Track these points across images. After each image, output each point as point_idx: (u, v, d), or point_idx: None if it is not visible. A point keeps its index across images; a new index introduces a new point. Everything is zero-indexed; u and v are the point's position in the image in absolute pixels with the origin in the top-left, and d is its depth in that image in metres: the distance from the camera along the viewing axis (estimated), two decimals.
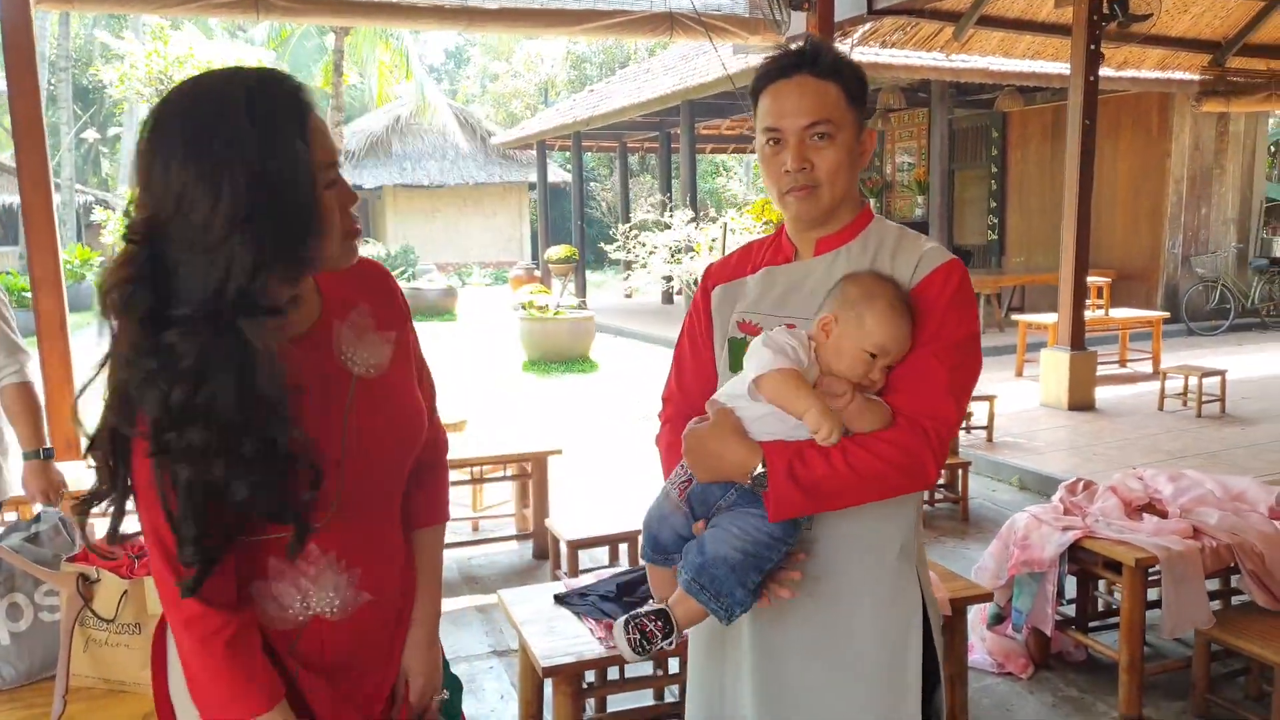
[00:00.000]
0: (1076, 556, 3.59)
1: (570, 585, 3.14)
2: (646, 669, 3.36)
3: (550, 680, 2.73)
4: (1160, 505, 3.78)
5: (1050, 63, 10.69)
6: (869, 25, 9.01)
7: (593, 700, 3.26)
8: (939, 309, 1.60)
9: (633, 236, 12.69)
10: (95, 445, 1.29)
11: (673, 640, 1.59)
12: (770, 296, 1.73)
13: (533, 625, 2.89)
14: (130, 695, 2.03)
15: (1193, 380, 7.92)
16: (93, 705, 1.98)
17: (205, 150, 1.19)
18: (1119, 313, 10.47)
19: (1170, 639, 3.64)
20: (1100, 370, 8.61)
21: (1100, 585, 3.99)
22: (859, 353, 1.55)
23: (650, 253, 12.61)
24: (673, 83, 14.01)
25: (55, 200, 5.66)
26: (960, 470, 5.72)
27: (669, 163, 19.30)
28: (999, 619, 3.80)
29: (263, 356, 1.23)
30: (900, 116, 15.93)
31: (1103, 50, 7.96)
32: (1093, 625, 3.90)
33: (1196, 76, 11.24)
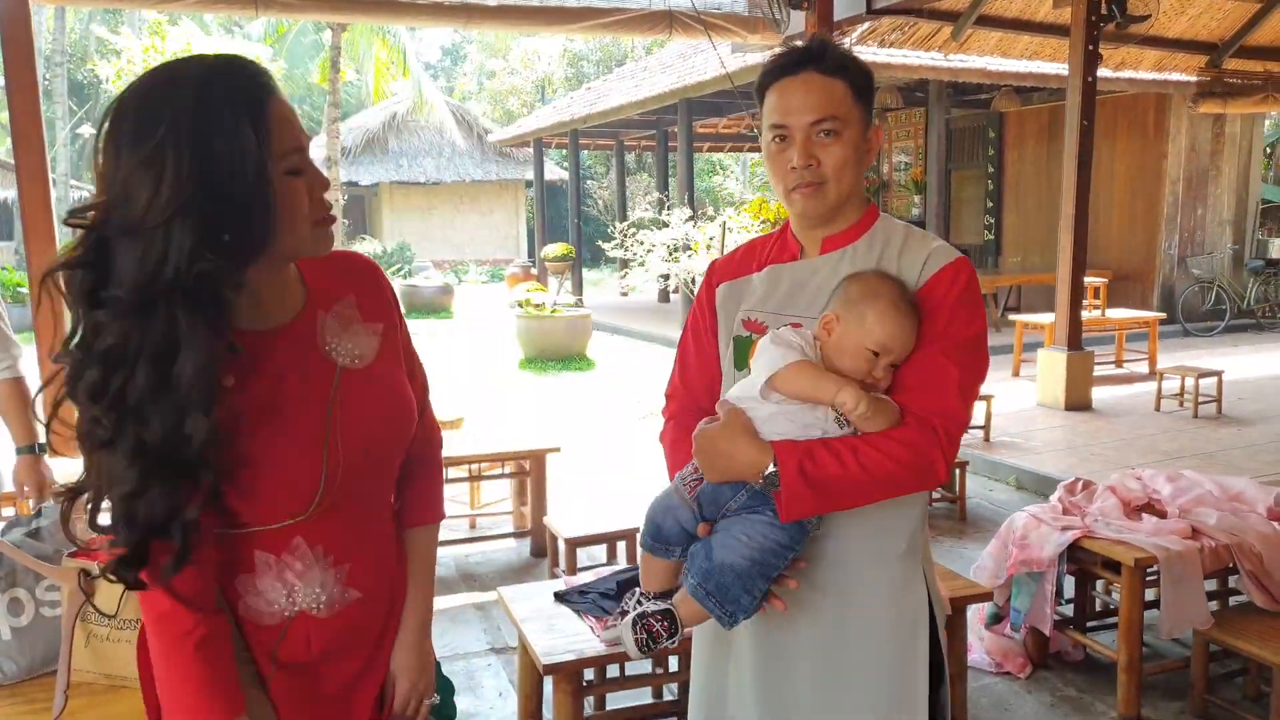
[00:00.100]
0: (1075, 556, 3.59)
1: (570, 583, 3.14)
2: (645, 667, 3.35)
3: (550, 678, 2.74)
4: (1159, 505, 3.79)
5: (1048, 63, 10.70)
6: (867, 24, 9.00)
7: (592, 698, 3.25)
8: (947, 307, 1.60)
9: (631, 235, 12.68)
10: (77, 434, 1.28)
11: (677, 639, 1.60)
12: (776, 295, 1.73)
13: (533, 623, 2.88)
14: (131, 691, 2.01)
15: (1189, 381, 7.93)
16: (94, 700, 1.97)
17: (149, 135, 1.19)
18: (1115, 313, 10.48)
19: (1168, 639, 3.65)
20: (1097, 370, 8.62)
21: (1098, 585, 4.00)
22: (861, 351, 1.55)
23: (648, 251, 12.59)
24: (670, 81, 13.98)
25: (51, 196, 5.66)
26: (957, 470, 5.72)
27: (666, 161, 19.30)
28: (997, 618, 3.80)
29: (191, 344, 1.20)
30: (897, 116, 15.93)
31: (1100, 51, 7.97)
32: (1091, 625, 3.91)
33: (1193, 78, 11.25)
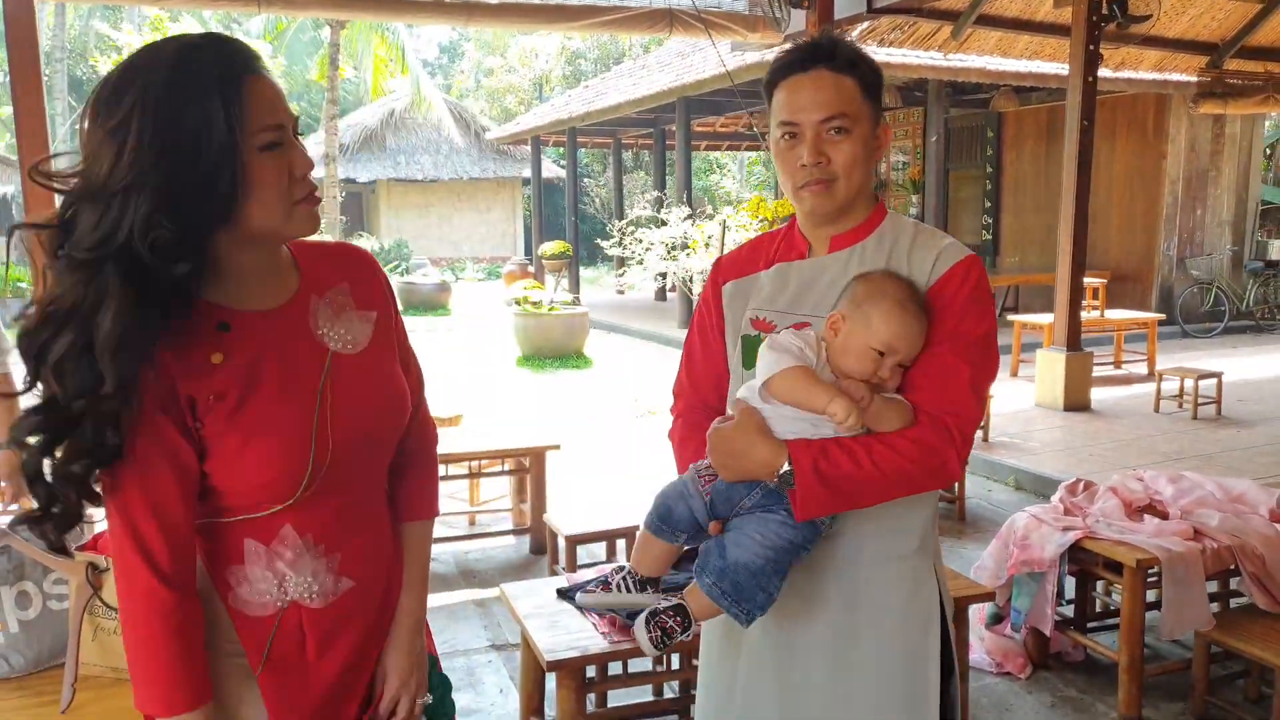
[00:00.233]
0: (1076, 557, 3.60)
1: (573, 580, 3.13)
2: (647, 664, 3.36)
3: (553, 674, 2.74)
4: (1161, 506, 3.79)
5: (1048, 63, 10.71)
6: (867, 23, 9.00)
7: (594, 694, 3.26)
8: (958, 305, 1.59)
9: (629, 233, 12.69)
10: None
11: (689, 634, 1.59)
12: (785, 294, 1.72)
13: (536, 619, 2.88)
14: None
15: (1189, 382, 7.94)
16: (101, 693, 1.97)
17: (118, 106, 1.23)
18: (1114, 314, 10.49)
19: (1170, 640, 3.65)
20: (1096, 371, 8.63)
21: (1099, 586, 4.00)
22: (866, 350, 1.54)
23: (646, 249, 12.60)
24: (669, 79, 13.98)
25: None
26: None
27: (664, 159, 19.30)
28: (998, 619, 3.80)
29: (115, 299, 1.22)
30: (896, 115, 15.93)
31: (1101, 51, 7.98)
32: (1092, 626, 3.91)
33: (1193, 78, 11.25)
